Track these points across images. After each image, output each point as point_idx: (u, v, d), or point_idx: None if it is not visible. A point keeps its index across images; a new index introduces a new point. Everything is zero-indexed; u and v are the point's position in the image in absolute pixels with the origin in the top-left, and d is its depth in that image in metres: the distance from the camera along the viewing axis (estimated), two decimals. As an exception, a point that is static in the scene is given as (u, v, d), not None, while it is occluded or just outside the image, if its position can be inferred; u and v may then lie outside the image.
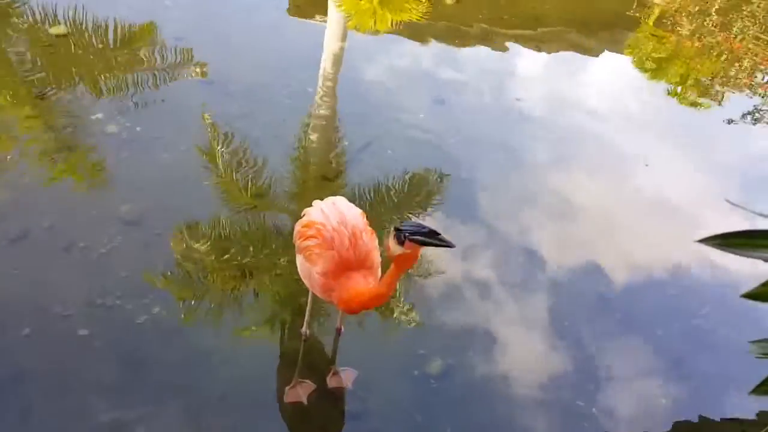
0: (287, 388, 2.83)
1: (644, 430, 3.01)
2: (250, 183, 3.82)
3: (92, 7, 4.91)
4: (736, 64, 6.19)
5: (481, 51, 5.78)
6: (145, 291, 3.09)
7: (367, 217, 2.66)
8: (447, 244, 2.15)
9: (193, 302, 3.12)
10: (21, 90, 4.12)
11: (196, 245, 3.34)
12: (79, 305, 2.98)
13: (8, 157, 3.65)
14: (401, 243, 2.21)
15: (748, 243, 2.13)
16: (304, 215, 2.73)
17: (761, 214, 2.39)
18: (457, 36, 5.89)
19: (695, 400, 3.16)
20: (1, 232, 3.23)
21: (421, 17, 5.94)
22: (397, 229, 2.20)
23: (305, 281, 2.70)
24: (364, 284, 2.46)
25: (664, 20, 6.74)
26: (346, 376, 2.91)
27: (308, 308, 2.91)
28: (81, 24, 4.78)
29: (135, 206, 3.47)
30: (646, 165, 4.67)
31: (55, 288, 3.04)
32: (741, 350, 3.46)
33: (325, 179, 4.03)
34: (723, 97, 5.73)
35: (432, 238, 2.16)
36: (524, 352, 3.22)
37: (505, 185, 4.24)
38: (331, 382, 2.90)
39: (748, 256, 2.13)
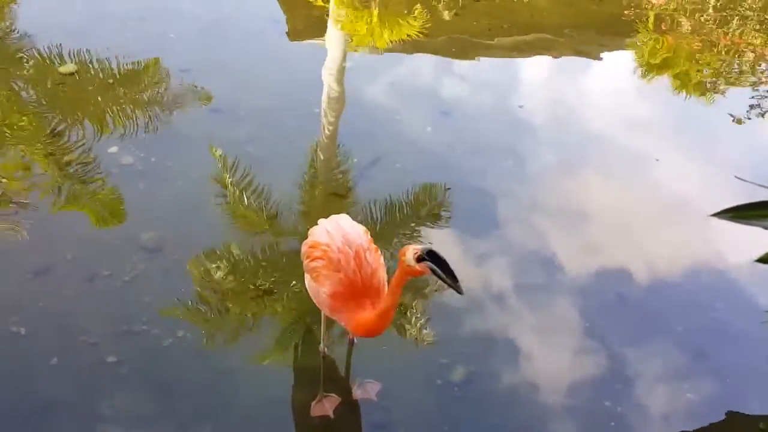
0: (313, 402, 2.87)
1: (678, 429, 3.00)
2: (262, 205, 3.89)
3: (98, 44, 5.02)
4: (738, 59, 6.22)
5: (482, 61, 5.85)
6: (169, 315, 3.15)
7: (378, 231, 2.72)
8: (456, 289, 2.26)
9: (215, 325, 3.17)
10: (36, 129, 4.22)
11: (214, 269, 3.40)
12: (105, 333, 3.04)
13: (28, 193, 3.73)
14: (418, 261, 2.29)
15: (760, 214, 2.18)
16: (309, 233, 2.81)
17: None
18: (458, 48, 5.97)
19: (721, 394, 3.16)
20: (25, 266, 3.31)
21: (419, 33, 6.03)
22: (429, 252, 2.27)
23: (314, 300, 2.77)
24: (368, 313, 2.54)
25: (662, 20, 6.80)
26: (370, 388, 2.94)
27: (323, 325, 2.96)
28: (89, 61, 4.90)
29: (155, 234, 3.55)
30: (657, 160, 4.69)
31: (82, 317, 3.10)
32: (761, 341, 3.48)
33: (336, 196, 4.09)
34: (725, 91, 5.76)
35: (446, 276, 2.25)
36: (547, 355, 3.24)
37: (516, 192, 4.28)
38: (356, 394, 2.93)
39: (761, 227, 2.19)
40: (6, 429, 2.70)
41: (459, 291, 2.26)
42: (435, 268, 2.25)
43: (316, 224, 2.83)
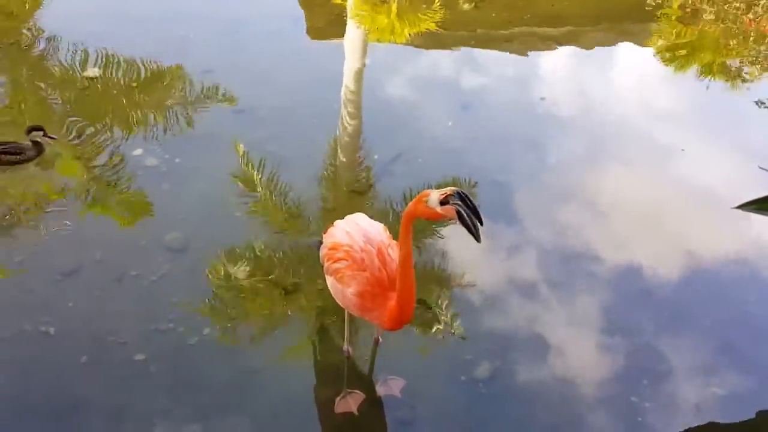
0: (337, 399, 2.88)
1: (706, 424, 2.95)
2: (284, 204, 3.91)
3: (121, 48, 5.10)
4: (765, 44, 6.08)
5: (503, 53, 5.80)
6: (195, 314, 3.20)
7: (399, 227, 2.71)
8: (475, 235, 2.14)
9: (239, 323, 3.20)
10: (62, 133, 4.29)
11: (238, 269, 3.44)
12: (133, 332, 3.09)
13: (55, 196, 3.81)
14: (443, 204, 2.18)
15: None
16: (324, 235, 2.82)
17: None
18: (478, 40, 5.93)
19: (751, 388, 3.10)
20: (54, 267, 3.37)
21: (438, 26, 6.00)
22: (460, 194, 2.15)
23: (338, 301, 2.77)
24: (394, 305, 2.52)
25: (686, 7, 6.67)
26: (394, 385, 2.94)
27: (346, 326, 2.96)
28: (112, 65, 4.97)
29: (180, 234, 3.59)
30: (682, 150, 4.62)
31: (110, 317, 3.16)
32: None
33: (358, 193, 4.09)
34: (752, 78, 5.63)
35: (471, 220, 2.12)
36: (572, 350, 3.21)
37: (539, 185, 4.24)
38: (379, 391, 2.94)
39: None
40: (38, 426, 2.77)
41: (478, 238, 2.14)
42: (461, 211, 2.12)
43: (332, 225, 2.83)
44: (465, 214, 2.13)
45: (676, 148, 4.65)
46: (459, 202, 2.14)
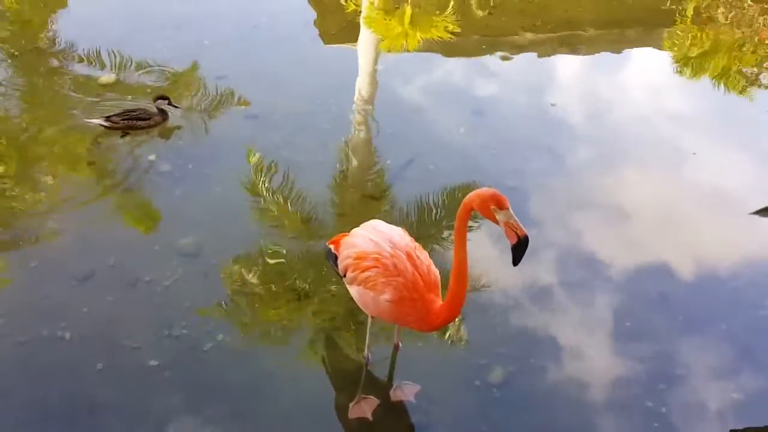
0: (351, 404, 2.87)
1: (723, 430, 2.91)
2: (298, 209, 3.92)
3: (136, 54, 5.15)
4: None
5: (516, 59, 5.79)
6: (208, 319, 3.21)
7: (413, 232, 2.70)
8: (516, 262, 2.41)
9: (253, 328, 3.21)
10: (77, 139, 4.33)
11: (252, 274, 3.44)
12: (147, 337, 3.10)
13: (70, 202, 3.84)
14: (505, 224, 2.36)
15: None
16: (331, 243, 2.82)
17: None
18: (491, 46, 5.93)
19: (766, 393, 3.06)
20: (69, 272, 3.40)
21: (451, 33, 6.00)
22: (527, 238, 2.38)
23: (366, 309, 2.75)
24: (439, 305, 2.56)
25: (700, 12, 6.63)
26: (408, 390, 2.93)
27: (368, 333, 2.94)
28: (127, 71, 5.01)
29: (193, 239, 3.61)
30: (694, 153, 4.59)
31: (124, 322, 3.17)
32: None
33: (371, 198, 4.09)
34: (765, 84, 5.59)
35: (519, 252, 2.39)
36: (586, 355, 3.18)
37: (552, 190, 4.22)
38: (394, 396, 2.93)
39: None
40: (55, 431, 2.78)
41: (514, 263, 2.40)
42: (522, 245, 2.38)
43: (347, 234, 2.80)
44: (522, 248, 2.38)
45: (688, 154, 4.62)
46: (519, 247, 2.39)
